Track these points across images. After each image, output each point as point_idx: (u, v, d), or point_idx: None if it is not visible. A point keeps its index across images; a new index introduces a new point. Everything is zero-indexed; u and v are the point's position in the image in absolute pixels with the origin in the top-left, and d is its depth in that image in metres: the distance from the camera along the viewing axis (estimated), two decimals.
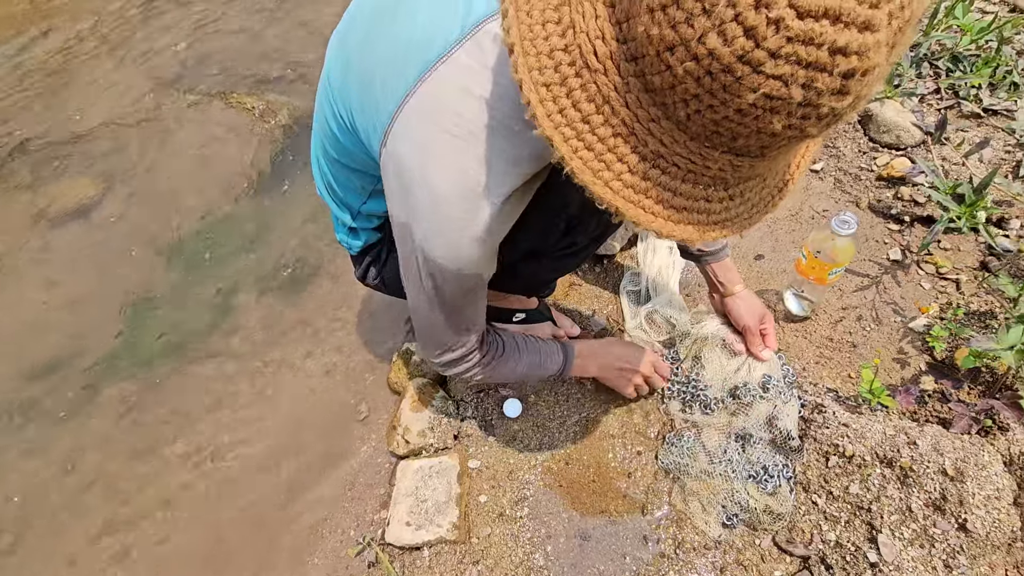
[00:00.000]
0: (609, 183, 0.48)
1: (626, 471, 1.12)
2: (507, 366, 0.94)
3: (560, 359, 1.00)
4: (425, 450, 1.15)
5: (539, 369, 0.98)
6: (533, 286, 1.14)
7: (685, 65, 0.39)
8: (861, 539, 0.94)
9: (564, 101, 0.47)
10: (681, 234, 0.50)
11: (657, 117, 0.45)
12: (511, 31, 0.47)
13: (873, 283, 1.29)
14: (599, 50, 0.45)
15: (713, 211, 0.50)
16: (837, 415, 1.02)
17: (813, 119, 0.40)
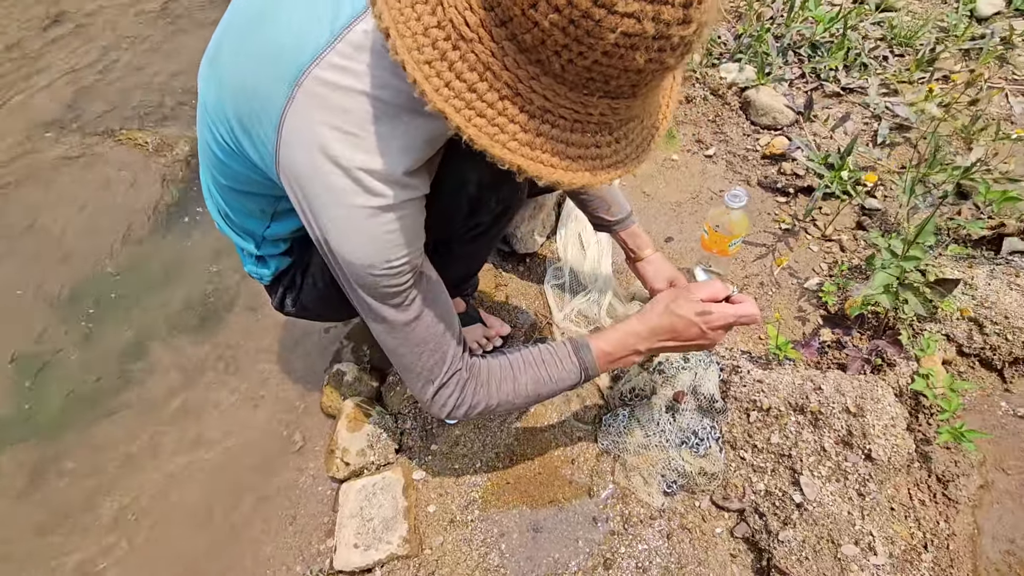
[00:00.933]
0: (506, 144, 0.52)
1: (569, 458, 1.15)
2: (504, 388, 0.82)
3: (574, 365, 0.84)
4: (367, 469, 1.12)
5: (549, 382, 0.84)
6: (452, 285, 1.13)
7: (550, 17, 0.44)
8: (786, 484, 1.01)
9: (448, 75, 0.49)
10: (580, 180, 0.55)
11: (536, 74, 0.49)
12: (383, 16, 0.49)
13: (769, 251, 1.40)
14: (470, 20, 0.48)
15: (604, 155, 0.56)
16: (752, 373, 1.10)
17: (668, 50, 0.46)
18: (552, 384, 0.84)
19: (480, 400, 0.81)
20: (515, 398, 0.83)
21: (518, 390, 0.83)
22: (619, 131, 0.56)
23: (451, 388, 0.79)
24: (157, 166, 1.91)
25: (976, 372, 1.14)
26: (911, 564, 0.93)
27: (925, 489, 1.00)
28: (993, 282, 1.16)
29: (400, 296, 0.72)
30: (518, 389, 0.83)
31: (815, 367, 1.15)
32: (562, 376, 0.84)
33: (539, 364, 0.84)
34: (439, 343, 0.77)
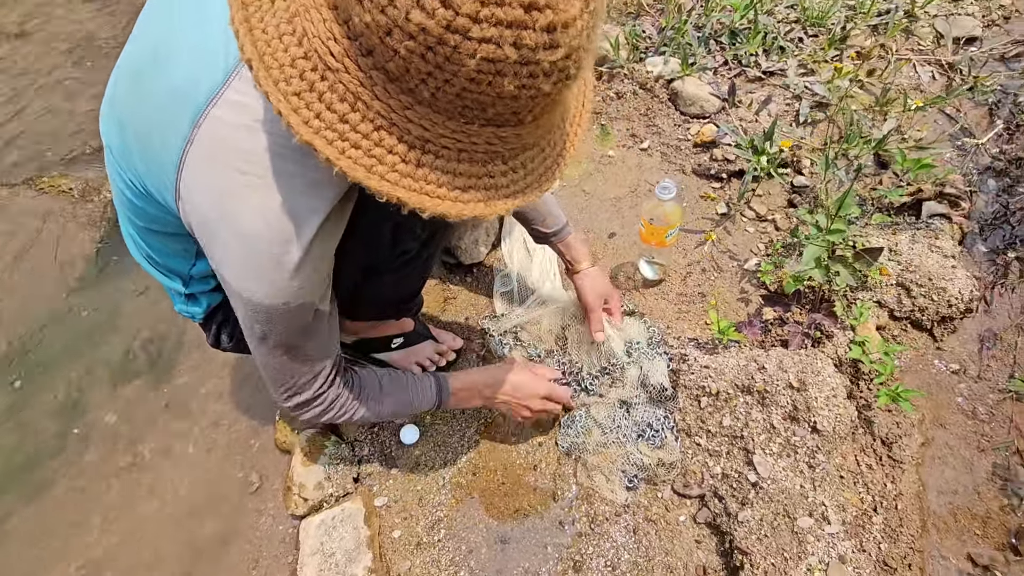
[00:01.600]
0: (385, 176, 0.49)
1: (532, 464, 1.15)
2: (368, 407, 0.88)
3: (433, 396, 0.96)
4: (326, 502, 1.10)
5: (408, 408, 0.94)
6: (390, 307, 1.12)
7: (405, 45, 0.42)
8: (741, 464, 1.03)
9: (318, 106, 0.48)
10: (470, 211, 0.53)
11: (409, 104, 0.47)
12: (245, 48, 0.48)
13: (709, 237, 1.43)
14: (334, 50, 0.46)
15: (499, 185, 0.54)
16: (699, 360, 1.12)
17: (541, 76, 0.44)
18: (410, 409, 0.94)
19: (341, 414, 0.86)
20: (374, 416, 0.91)
21: (381, 410, 0.90)
22: (513, 160, 0.54)
23: (315, 404, 0.82)
24: (85, 212, 1.83)
25: (908, 334, 1.18)
26: (863, 528, 0.96)
27: (871, 453, 1.04)
28: (915, 246, 1.21)
29: (289, 332, 0.72)
30: (381, 409, 0.90)
31: (760, 346, 1.18)
32: (420, 404, 0.95)
33: (405, 389, 0.93)
34: (315, 367, 0.79)
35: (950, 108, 1.57)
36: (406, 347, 1.24)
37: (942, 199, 1.32)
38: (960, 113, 1.56)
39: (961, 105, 1.58)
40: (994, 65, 1.65)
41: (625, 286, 1.37)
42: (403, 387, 0.93)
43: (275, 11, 0.49)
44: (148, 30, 0.70)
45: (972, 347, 1.19)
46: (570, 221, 1.17)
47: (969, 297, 1.16)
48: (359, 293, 0.98)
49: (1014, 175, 1.42)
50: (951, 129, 1.54)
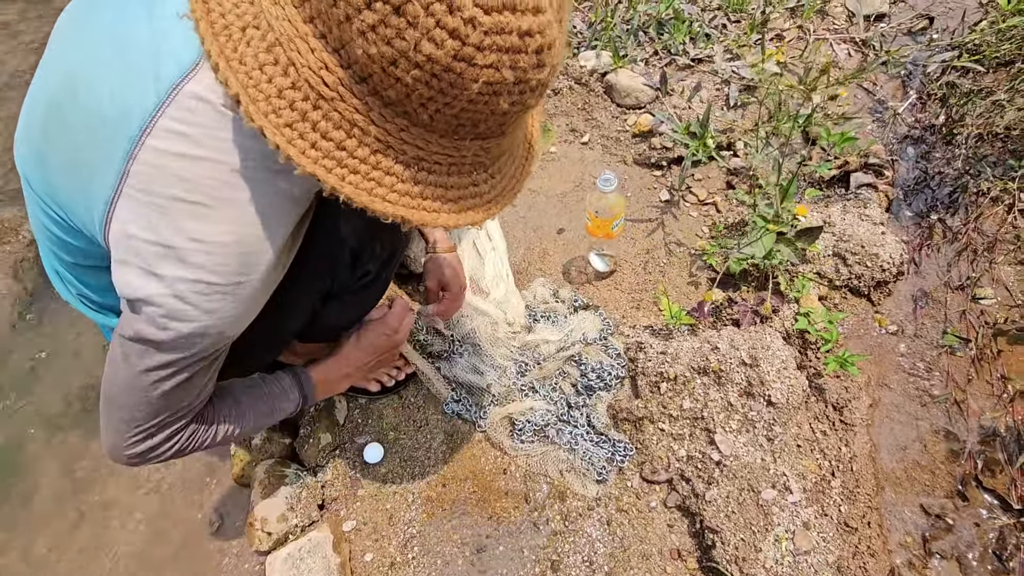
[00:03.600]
0: (386, 197, 0.51)
1: (501, 468, 1.14)
2: (225, 428, 0.81)
3: (296, 395, 0.91)
4: (291, 534, 1.05)
5: (272, 414, 0.88)
6: (349, 327, 1.10)
7: (412, 74, 0.44)
8: (704, 444, 1.05)
9: (312, 136, 0.48)
10: (465, 220, 0.55)
11: (405, 126, 0.49)
12: (230, 82, 0.47)
13: (656, 225, 1.46)
14: (327, 79, 0.47)
15: (483, 192, 0.57)
16: (655, 347, 1.14)
17: (528, 92, 0.48)
18: (273, 415, 0.88)
19: (194, 447, 0.77)
20: (235, 435, 0.83)
21: (242, 427, 0.84)
22: (492, 167, 0.57)
23: (167, 446, 0.72)
24: (4, 255, 1.71)
25: (849, 301, 1.24)
26: (823, 493, 0.99)
27: (824, 420, 1.08)
28: (847, 216, 1.26)
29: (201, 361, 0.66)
30: (242, 426, 0.83)
31: (713, 328, 1.20)
32: (285, 406, 0.89)
33: (264, 396, 0.87)
34: (192, 404, 0.71)
35: (867, 83, 1.65)
36: None
37: (867, 169, 1.39)
38: (876, 86, 1.64)
39: (877, 79, 1.66)
40: (903, 40, 1.74)
41: (578, 280, 1.38)
42: (261, 395, 0.87)
43: (248, 40, 0.48)
44: (61, 56, 0.66)
45: (907, 308, 1.25)
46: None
47: (900, 260, 1.22)
48: (316, 318, 0.95)
49: (930, 141, 1.50)
50: (869, 103, 1.62)
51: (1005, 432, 1.05)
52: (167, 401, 0.68)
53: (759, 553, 0.92)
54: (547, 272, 1.41)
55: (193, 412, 0.74)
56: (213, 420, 0.80)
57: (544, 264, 1.43)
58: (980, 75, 1.54)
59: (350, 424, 1.21)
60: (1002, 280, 1.24)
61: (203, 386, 0.72)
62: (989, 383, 1.13)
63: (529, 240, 1.48)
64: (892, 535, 0.99)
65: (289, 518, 1.05)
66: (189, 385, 0.69)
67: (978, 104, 1.49)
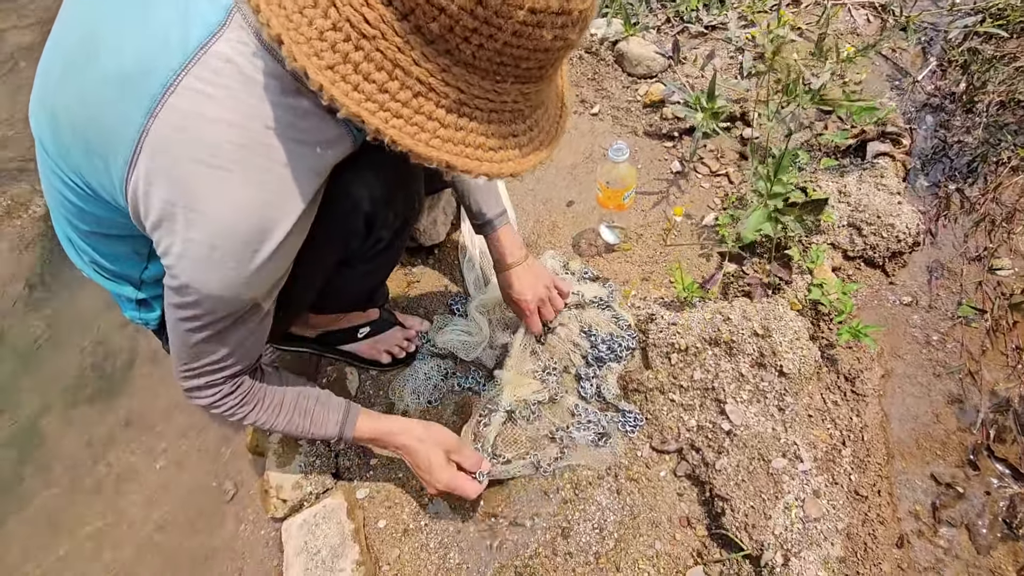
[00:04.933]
0: (429, 142, 0.51)
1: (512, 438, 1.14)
2: (259, 418, 0.84)
3: (334, 430, 0.90)
4: (306, 501, 1.07)
5: (305, 432, 0.89)
6: (361, 298, 1.10)
7: (456, 2, 0.44)
8: (715, 415, 1.05)
9: (355, 77, 0.48)
10: (507, 169, 0.55)
11: (447, 66, 0.49)
12: (272, 23, 0.47)
13: (665, 197, 1.44)
14: (369, 17, 0.46)
15: (522, 144, 0.57)
16: (666, 318, 1.13)
17: (570, 25, 0.48)
18: (305, 434, 0.90)
19: (230, 414, 0.82)
20: (264, 427, 0.87)
21: (273, 425, 0.86)
22: (531, 118, 0.56)
23: (206, 394, 0.78)
24: (13, 229, 1.72)
25: (863, 272, 1.22)
26: (834, 462, 0.99)
27: (835, 390, 1.07)
28: (863, 186, 1.24)
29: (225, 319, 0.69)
30: (273, 424, 0.86)
31: (724, 299, 1.20)
32: (318, 433, 0.89)
33: (304, 414, 0.88)
34: (226, 360, 0.75)
35: (886, 49, 1.60)
36: (373, 336, 1.21)
37: (884, 138, 1.36)
38: (895, 53, 1.60)
39: (896, 45, 1.61)
40: (924, 4, 1.69)
41: (588, 252, 1.37)
42: (304, 410, 0.89)
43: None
44: (77, 15, 0.65)
45: (922, 279, 1.24)
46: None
47: (916, 231, 1.20)
48: (329, 287, 0.95)
49: (949, 109, 1.47)
50: (888, 70, 1.58)
51: (1018, 402, 1.04)
52: (199, 350, 0.72)
53: (768, 520, 0.92)
54: (557, 245, 1.40)
55: (230, 372, 0.77)
56: (252, 403, 0.83)
57: (554, 237, 1.42)
58: (1003, 41, 1.50)
59: (361, 395, 1.22)
60: (1020, 251, 1.22)
61: (236, 346, 0.74)
62: (1004, 354, 1.12)
63: (539, 213, 1.47)
64: (902, 503, 1.00)
65: (303, 486, 1.07)
66: (218, 341, 0.72)
67: (1000, 71, 1.44)
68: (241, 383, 0.81)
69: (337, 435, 0.91)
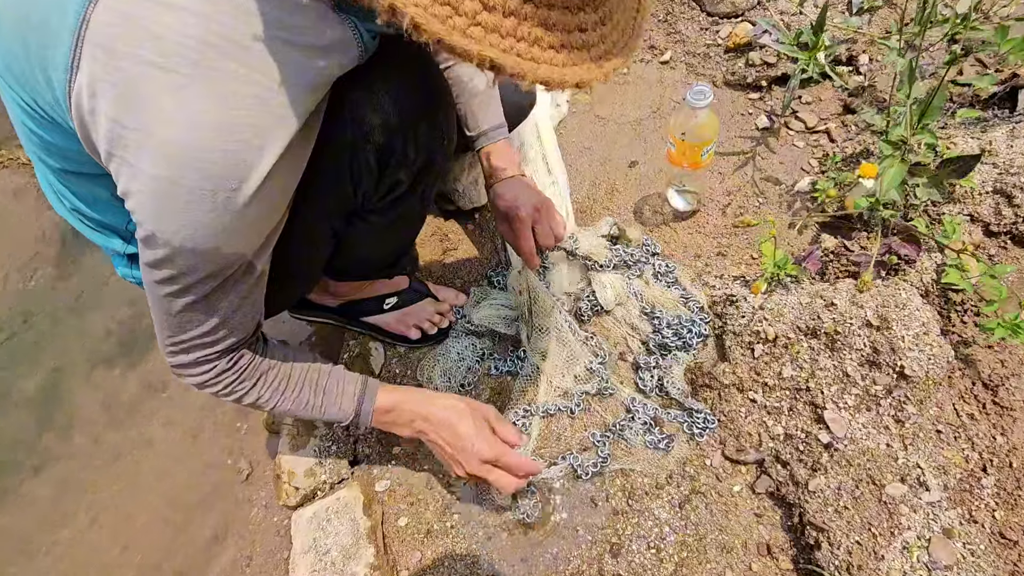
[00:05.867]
0: (468, 31, 0.35)
1: (555, 433, 0.98)
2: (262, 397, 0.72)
3: (349, 408, 0.78)
4: (319, 491, 0.95)
5: (317, 410, 0.77)
6: (382, 262, 0.95)
7: None
8: (808, 422, 0.85)
9: None
10: (573, 77, 0.39)
11: None
12: None
13: (749, 158, 1.21)
14: None
15: (591, 42, 0.40)
16: (750, 300, 0.93)
17: None
18: (317, 414, 0.78)
19: (226, 392, 0.70)
20: (274, 408, 0.75)
21: (279, 404, 0.75)
22: (603, 8, 0.40)
23: (196, 371, 0.66)
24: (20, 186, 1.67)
25: (1009, 252, 0.96)
26: (971, 493, 0.77)
27: (972, 400, 0.84)
28: (1015, 143, 0.97)
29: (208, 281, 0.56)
30: (279, 403, 0.75)
31: (822, 281, 0.97)
32: (331, 410, 0.78)
33: (315, 389, 0.76)
34: (217, 331, 0.63)
35: None
36: (401, 308, 1.07)
37: None
38: None
39: None
40: None
41: (652, 221, 1.17)
42: (315, 387, 0.76)
43: None
44: None
45: None
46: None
47: None
48: (343, 246, 0.80)
49: None
50: None
51: None
52: (184, 319, 0.60)
53: (880, 562, 0.72)
54: (615, 212, 1.21)
55: (223, 345, 0.65)
56: (253, 378, 0.71)
57: (612, 202, 1.22)
58: None
59: (387, 374, 1.08)
60: None
61: (228, 315, 0.62)
62: None
63: (595, 174, 1.27)
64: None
65: (317, 473, 0.95)
66: (205, 309, 0.59)
67: None
68: (239, 358, 0.69)
69: (354, 411, 0.78)
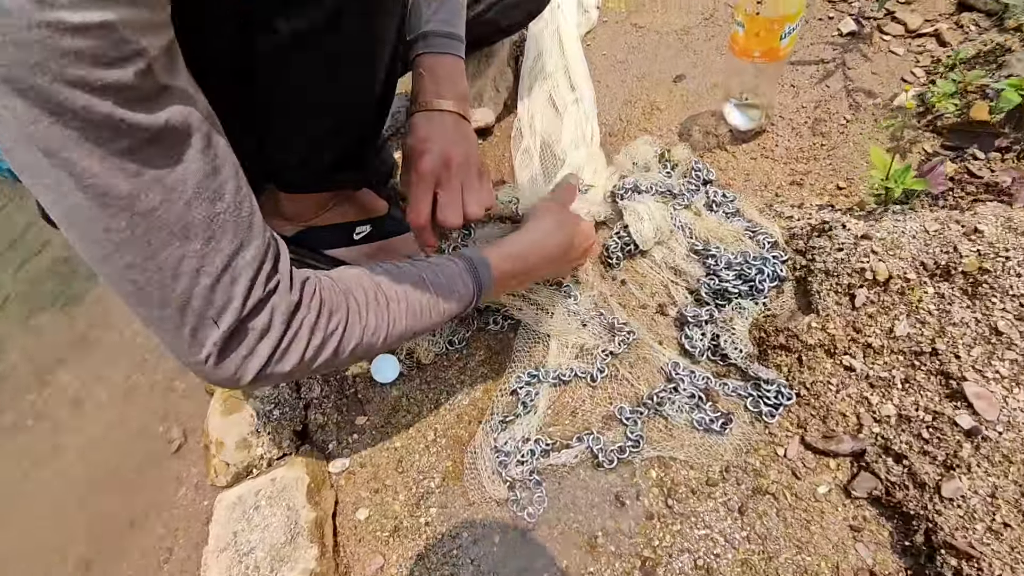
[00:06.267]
0: None
1: (569, 406, 0.74)
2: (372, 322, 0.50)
3: (470, 284, 0.58)
4: (255, 467, 0.72)
5: (438, 313, 0.55)
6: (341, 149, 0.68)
7: None
8: (937, 400, 0.59)
9: None
10: None
11: None
12: None
13: (833, 68, 0.94)
14: None
15: None
16: (850, 228, 0.67)
17: None
18: (437, 316, 0.55)
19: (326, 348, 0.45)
20: (386, 336, 0.50)
21: (393, 328, 0.51)
22: None
23: (250, 334, 0.41)
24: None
25: None
26: None
27: None
28: None
29: (125, 121, 0.33)
30: (394, 327, 0.51)
31: (950, 206, 0.71)
32: (450, 305, 0.56)
33: (425, 284, 0.54)
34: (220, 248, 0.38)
35: None
36: (375, 239, 0.83)
37: None
38: None
39: None
40: None
41: (704, 144, 0.91)
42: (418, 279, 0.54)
43: None
44: None
45: None
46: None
47: None
48: (257, 89, 0.56)
49: None
50: None
51: None
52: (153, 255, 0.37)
53: None
54: (656, 134, 0.95)
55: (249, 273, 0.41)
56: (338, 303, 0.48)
57: (651, 123, 0.97)
58: None
59: None
60: None
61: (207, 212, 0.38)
62: None
63: (630, 91, 1.02)
64: None
65: (253, 444, 0.72)
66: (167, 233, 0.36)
67: None
68: (293, 279, 0.45)
69: (472, 298, 0.59)
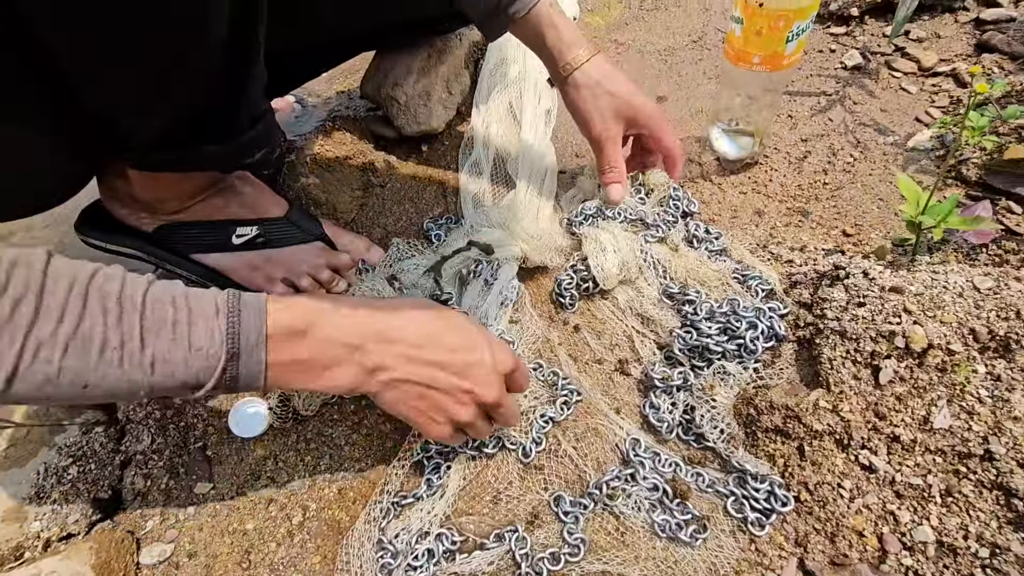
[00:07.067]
0: None
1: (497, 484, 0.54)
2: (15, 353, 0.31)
3: (213, 351, 0.36)
4: (27, 549, 0.50)
5: (134, 369, 0.35)
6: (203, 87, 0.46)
7: None
8: (996, 525, 0.41)
9: None
10: None
11: None
12: None
13: (836, 100, 0.82)
14: None
15: None
16: (874, 277, 0.50)
17: None
18: (137, 373, 0.35)
19: None
20: (32, 385, 0.32)
21: (47, 371, 0.32)
22: None
23: None
24: None
25: None
26: None
27: None
28: None
29: None
30: (47, 369, 0.32)
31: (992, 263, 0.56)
32: (171, 365, 0.36)
33: (163, 324, 0.35)
34: None
35: None
36: (265, 247, 0.64)
37: None
38: None
39: None
40: None
41: (686, 172, 0.76)
42: (122, 313, 0.35)
43: None
44: None
45: None
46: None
47: None
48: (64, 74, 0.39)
49: None
50: None
51: None
52: None
53: None
54: None
55: None
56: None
57: None
58: None
59: None
60: None
61: None
62: None
63: None
64: None
65: (29, 516, 0.50)
66: None
67: None
68: None
69: (226, 350, 0.37)
